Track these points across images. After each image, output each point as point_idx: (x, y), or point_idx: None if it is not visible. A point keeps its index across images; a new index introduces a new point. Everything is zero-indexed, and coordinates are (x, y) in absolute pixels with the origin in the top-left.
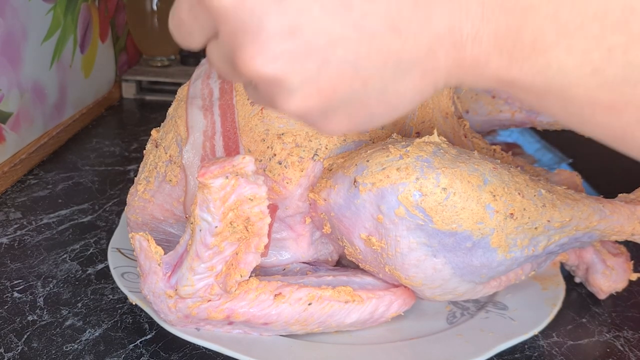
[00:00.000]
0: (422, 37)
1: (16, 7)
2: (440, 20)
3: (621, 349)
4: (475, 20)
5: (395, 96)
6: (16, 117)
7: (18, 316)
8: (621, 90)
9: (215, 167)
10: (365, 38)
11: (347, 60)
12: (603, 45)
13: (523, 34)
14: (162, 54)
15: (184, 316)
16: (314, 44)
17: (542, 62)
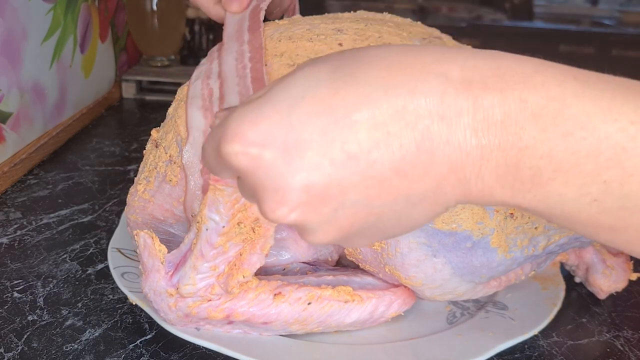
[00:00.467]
0: (428, 177)
1: (16, 7)
2: (443, 162)
3: (621, 349)
4: (475, 160)
5: (410, 221)
6: (16, 117)
7: (18, 316)
8: (620, 216)
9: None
10: (374, 183)
11: (359, 202)
12: (599, 180)
13: (521, 170)
14: (162, 54)
15: (184, 315)
16: (327, 195)
17: (542, 193)
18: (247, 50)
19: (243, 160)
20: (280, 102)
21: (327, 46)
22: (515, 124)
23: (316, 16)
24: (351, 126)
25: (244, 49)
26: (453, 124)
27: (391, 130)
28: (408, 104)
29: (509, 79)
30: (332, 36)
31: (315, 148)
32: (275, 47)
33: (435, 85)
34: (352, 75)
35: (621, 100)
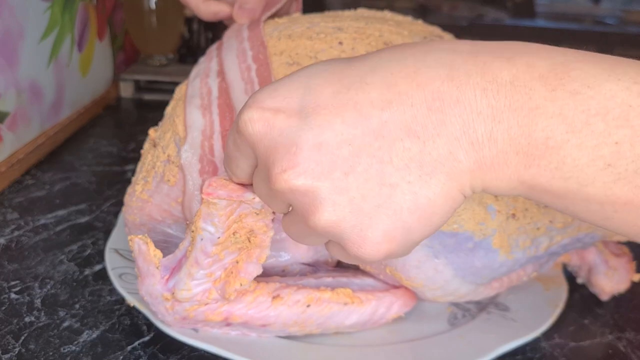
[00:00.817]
0: (440, 139)
1: (13, 6)
2: (454, 123)
3: (623, 351)
4: (487, 120)
5: (426, 203)
6: (13, 116)
7: (15, 317)
8: (636, 183)
9: (222, 193)
10: (386, 144)
11: (371, 166)
12: (610, 140)
13: (535, 132)
14: (160, 52)
15: (181, 318)
16: (338, 155)
17: (557, 159)
18: (248, 47)
19: (257, 126)
20: (298, 75)
21: (327, 44)
22: (524, 85)
23: (316, 14)
24: (364, 87)
25: (245, 47)
26: (462, 84)
27: (402, 90)
28: (419, 69)
29: (515, 49)
30: (332, 34)
31: (329, 107)
32: (274, 46)
33: (445, 54)
34: (365, 56)
35: (622, 65)
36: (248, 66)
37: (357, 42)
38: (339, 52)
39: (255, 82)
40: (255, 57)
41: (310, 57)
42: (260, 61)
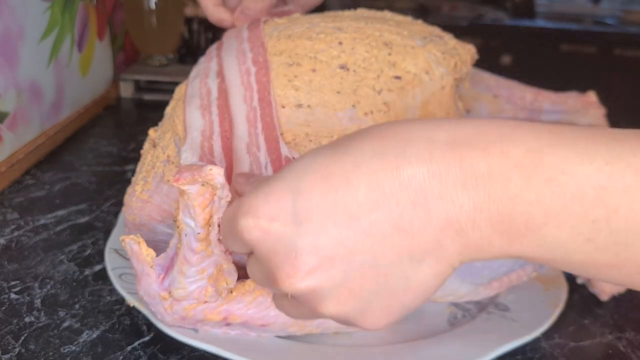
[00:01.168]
0: (427, 232)
1: (13, 6)
2: (439, 216)
3: (623, 351)
4: (469, 211)
5: (419, 283)
6: (13, 116)
7: (15, 318)
8: (615, 252)
9: (187, 174)
10: (377, 241)
11: (366, 262)
12: (587, 219)
13: (514, 217)
14: (160, 52)
15: (181, 318)
16: (335, 256)
17: (538, 238)
18: (247, 49)
19: (255, 233)
20: (287, 177)
21: (326, 45)
22: (500, 175)
23: (316, 14)
24: (350, 189)
25: (245, 48)
26: (443, 180)
27: (387, 191)
28: (400, 166)
29: (490, 137)
30: (332, 34)
31: (320, 212)
32: (274, 46)
33: (423, 147)
34: (348, 146)
35: (594, 145)
36: (247, 69)
37: (356, 42)
38: (339, 52)
39: (255, 88)
40: (255, 59)
41: (310, 57)
42: (260, 64)
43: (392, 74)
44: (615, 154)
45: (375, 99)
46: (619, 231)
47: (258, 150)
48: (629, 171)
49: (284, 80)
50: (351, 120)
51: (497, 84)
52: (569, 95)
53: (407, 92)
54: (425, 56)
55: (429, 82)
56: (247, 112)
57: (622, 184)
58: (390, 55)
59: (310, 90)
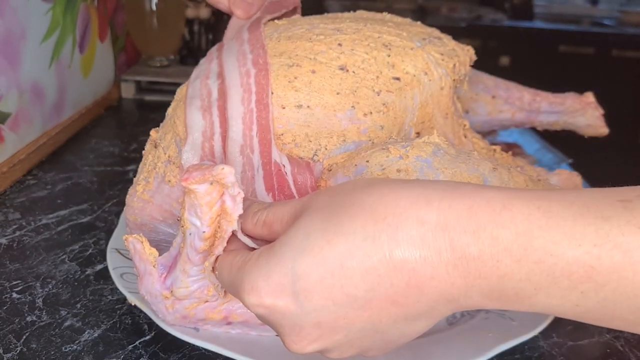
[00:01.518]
0: (420, 303)
1: (15, 7)
2: (432, 292)
3: (621, 350)
4: (461, 288)
5: (413, 332)
6: (15, 117)
7: (17, 317)
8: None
9: (197, 174)
10: (375, 313)
11: (364, 327)
12: (576, 291)
13: (505, 290)
14: (161, 53)
15: (182, 317)
16: (336, 326)
17: (528, 304)
18: (248, 50)
19: (260, 310)
20: (285, 256)
21: (326, 46)
22: (491, 258)
23: (315, 16)
24: (346, 273)
25: (245, 49)
26: (435, 263)
27: (381, 273)
28: (393, 250)
29: (480, 219)
30: (332, 36)
31: (319, 294)
32: (274, 47)
33: (415, 231)
34: (340, 225)
35: (582, 225)
36: (247, 70)
37: (356, 44)
38: (338, 54)
39: (253, 90)
40: (255, 60)
41: (309, 59)
42: (260, 66)
43: (391, 75)
44: (603, 233)
45: (374, 100)
46: (607, 300)
47: (252, 153)
48: (617, 251)
49: (284, 81)
50: (351, 121)
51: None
52: (567, 96)
53: (406, 93)
54: (424, 57)
55: (428, 83)
56: (243, 113)
57: (610, 263)
58: (389, 57)
59: (310, 91)
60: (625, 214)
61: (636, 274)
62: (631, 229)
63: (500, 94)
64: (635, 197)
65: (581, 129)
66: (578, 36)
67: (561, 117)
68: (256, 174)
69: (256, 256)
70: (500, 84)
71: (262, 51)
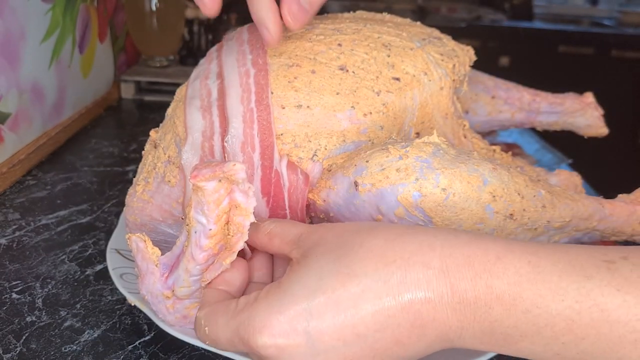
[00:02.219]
0: (420, 342)
1: (15, 7)
2: (432, 333)
3: None
4: (456, 330)
5: None
6: (15, 117)
7: (17, 317)
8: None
9: (206, 171)
10: (379, 353)
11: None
12: (558, 342)
13: (495, 334)
14: (161, 54)
15: (182, 317)
16: None
17: (515, 348)
18: (247, 50)
19: (270, 351)
20: (298, 295)
21: (326, 46)
22: (485, 304)
23: (315, 16)
24: (358, 313)
25: (245, 49)
26: (437, 306)
27: (390, 314)
28: (402, 292)
29: (477, 268)
30: (332, 36)
31: (331, 334)
32: (274, 47)
33: (422, 274)
34: (351, 267)
35: (566, 282)
36: (247, 70)
37: (356, 44)
38: (338, 54)
39: (253, 90)
40: (255, 60)
41: (309, 59)
42: (259, 66)
43: (390, 75)
44: (585, 292)
45: (374, 100)
46: (586, 352)
47: (253, 151)
48: (596, 309)
49: (283, 81)
50: (350, 121)
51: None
52: (566, 96)
53: (405, 93)
54: (423, 57)
55: (428, 84)
56: (243, 112)
57: (589, 319)
58: (389, 57)
59: (309, 91)
60: (607, 275)
61: (612, 331)
62: (611, 290)
63: (500, 94)
64: (620, 259)
65: (581, 129)
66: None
67: (561, 118)
68: (255, 173)
69: (265, 296)
70: (500, 84)
71: (262, 51)
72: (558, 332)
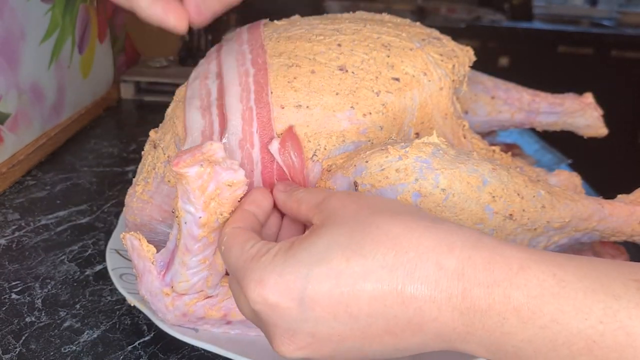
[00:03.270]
0: (414, 338)
1: (14, 8)
2: (431, 331)
3: None
4: (461, 334)
5: (395, 357)
6: (14, 117)
7: (16, 318)
8: None
9: (186, 156)
10: (368, 338)
11: (354, 347)
12: None
13: (505, 347)
14: (161, 54)
15: (182, 315)
16: (328, 341)
17: None
18: (247, 50)
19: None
20: (302, 261)
21: (325, 46)
22: (498, 314)
23: (315, 16)
24: (356, 293)
25: (244, 49)
26: (443, 307)
27: (388, 304)
28: (406, 285)
29: (497, 276)
30: (331, 36)
31: (324, 306)
32: (274, 48)
33: (432, 272)
34: (361, 246)
35: (591, 300)
36: (246, 70)
37: (355, 44)
38: (338, 54)
39: (252, 89)
40: (254, 60)
41: (309, 59)
42: (259, 65)
43: (390, 76)
44: (611, 312)
45: (373, 100)
46: None
47: (252, 148)
48: (621, 332)
49: (283, 81)
50: (350, 121)
51: (495, 86)
52: (566, 97)
53: (405, 93)
54: (423, 58)
55: (427, 84)
56: (242, 110)
57: (612, 341)
58: (388, 57)
59: (309, 91)
60: (637, 296)
61: (636, 357)
62: (639, 313)
63: (500, 95)
64: None
65: (580, 129)
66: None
67: (560, 118)
68: (255, 169)
69: (273, 253)
70: (500, 85)
71: (262, 51)
72: (576, 352)
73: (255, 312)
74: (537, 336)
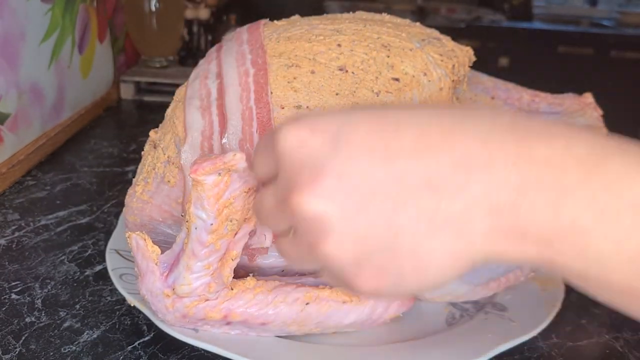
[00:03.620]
0: (458, 198)
1: (14, 8)
2: (478, 186)
3: (620, 350)
4: (512, 191)
5: (427, 254)
6: (14, 118)
7: (16, 318)
8: None
9: (207, 164)
10: (404, 192)
11: (383, 209)
12: (636, 236)
13: (561, 213)
14: (161, 54)
15: (182, 316)
16: (356, 189)
17: (580, 243)
18: (247, 50)
19: (291, 140)
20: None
21: (325, 47)
22: (559, 165)
23: (315, 17)
24: (397, 133)
25: (244, 49)
26: (495, 150)
27: (432, 144)
28: (454, 130)
29: (554, 132)
30: (331, 37)
31: (360, 144)
32: (274, 48)
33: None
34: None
35: None
36: (246, 70)
37: (355, 45)
38: (338, 54)
39: (252, 89)
40: (254, 60)
41: (309, 59)
42: (259, 65)
43: (390, 76)
44: None
45: (373, 101)
46: None
47: (252, 148)
48: None
49: (283, 81)
50: None
51: (495, 86)
52: (566, 97)
53: (405, 93)
54: (423, 58)
55: (427, 84)
56: (242, 110)
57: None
58: (388, 57)
59: (309, 91)
60: None
61: None
62: None
63: (500, 95)
64: None
65: None
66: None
67: (560, 118)
68: None
69: None
70: (500, 85)
71: (262, 51)
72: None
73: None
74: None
